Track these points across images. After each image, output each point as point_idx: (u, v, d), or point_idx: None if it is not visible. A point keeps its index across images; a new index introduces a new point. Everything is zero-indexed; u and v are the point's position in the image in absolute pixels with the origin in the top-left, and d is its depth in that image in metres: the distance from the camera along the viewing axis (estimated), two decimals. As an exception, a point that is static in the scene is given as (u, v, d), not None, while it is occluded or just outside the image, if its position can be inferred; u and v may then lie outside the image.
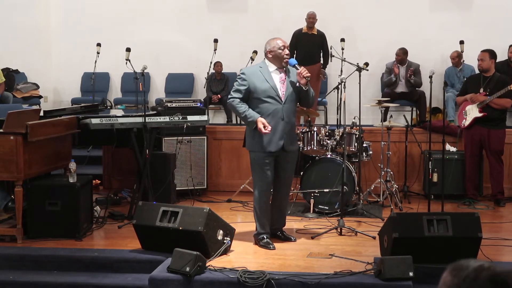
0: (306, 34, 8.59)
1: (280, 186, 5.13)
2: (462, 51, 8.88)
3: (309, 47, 8.43)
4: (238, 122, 8.95)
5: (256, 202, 5.06)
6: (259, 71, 4.99)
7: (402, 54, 8.64)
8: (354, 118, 6.54)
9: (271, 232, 5.14)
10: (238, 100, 4.95)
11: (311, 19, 8.61)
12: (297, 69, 4.94)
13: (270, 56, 5.00)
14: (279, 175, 5.07)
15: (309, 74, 4.94)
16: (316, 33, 8.64)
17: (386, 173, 6.66)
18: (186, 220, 4.56)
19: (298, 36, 8.53)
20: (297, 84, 4.98)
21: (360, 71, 6.72)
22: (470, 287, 1.51)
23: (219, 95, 9.37)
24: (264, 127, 4.81)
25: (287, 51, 4.98)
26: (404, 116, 7.64)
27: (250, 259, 4.67)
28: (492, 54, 6.73)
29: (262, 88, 4.92)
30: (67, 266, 4.69)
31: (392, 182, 6.66)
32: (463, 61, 8.85)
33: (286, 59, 4.97)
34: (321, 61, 8.64)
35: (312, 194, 6.16)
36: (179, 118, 6.38)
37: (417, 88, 8.65)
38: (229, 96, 5.05)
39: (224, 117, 9.68)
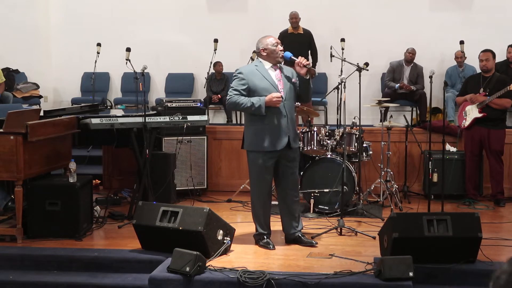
0: (292, 34, 8.57)
1: (287, 187, 5.02)
2: (462, 51, 8.89)
3: (296, 47, 8.31)
4: (238, 122, 8.96)
5: (254, 204, 5.04)
6: (255, 69, 4.93)
7: (414, 54, 8.62)
8: (354, 118, 6.54)
9: (292, 238, 5.08)
10: (237, 94, 4.84)
11: (294, 19, 8.60)
12: (294, 60, 4.88)
13: (264, 54, 4.93)
14: (284, 175, 4.99)
15: (308, 62, 4.88)
16: (302, 32, 8.62)
17: (386, 173, 6.66)
18: (186, 220, 4.56)
19: (284, 36, 8.43)
20: (293, 79, 4.95)
21: (360, 71, 6.71)
22: (508, 277, 1.51)
23: (219, 95, 9.37)
24: (274, 97, 4.75)
25: (280, 47, 4.92)
26: (404, 116, 7.64)
27: (250, 259, 4.67)
28: (494, 54, 6.74)
29: (261, 85, 4.85)
30: (67, 266, 4.68)
31: (392, 182, 6.66)
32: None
33: (281, 54, 4.93)
34: (310, 60, 8.60)
35: (312, 194, 6.16)
36: (179, 118, 6.38)
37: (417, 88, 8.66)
38: (228, 94, 4.95)
39: (224, 117, 9.67)
